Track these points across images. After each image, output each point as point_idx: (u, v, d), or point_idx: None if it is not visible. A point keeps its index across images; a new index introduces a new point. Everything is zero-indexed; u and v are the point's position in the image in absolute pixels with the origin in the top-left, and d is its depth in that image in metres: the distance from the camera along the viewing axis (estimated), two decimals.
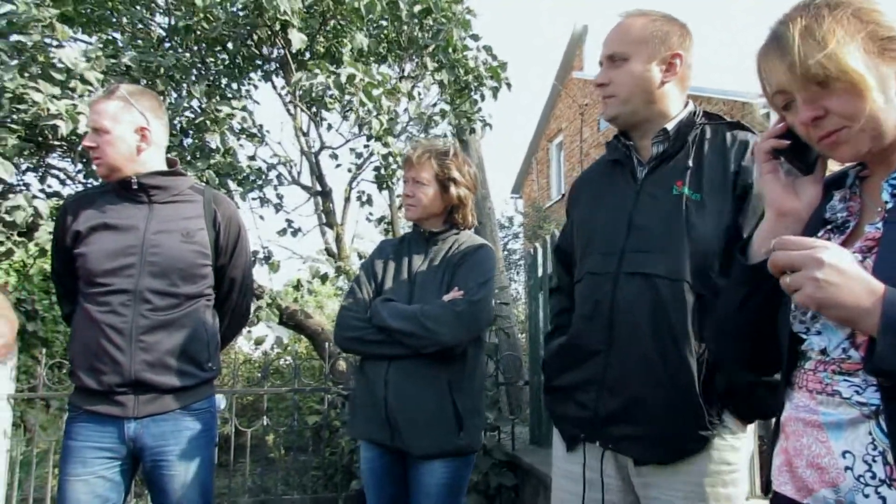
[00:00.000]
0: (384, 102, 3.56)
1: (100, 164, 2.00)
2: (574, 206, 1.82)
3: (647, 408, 1.46)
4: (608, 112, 1.62)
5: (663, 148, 1.58)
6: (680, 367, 1.43)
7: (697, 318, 1.44)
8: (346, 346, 2.29)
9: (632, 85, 1.56)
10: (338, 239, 4.72)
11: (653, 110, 1.59)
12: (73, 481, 1.91)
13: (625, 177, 1.64)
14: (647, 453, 1.47)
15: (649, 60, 1.55)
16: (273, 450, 5.53)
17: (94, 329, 1.92)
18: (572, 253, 1.76)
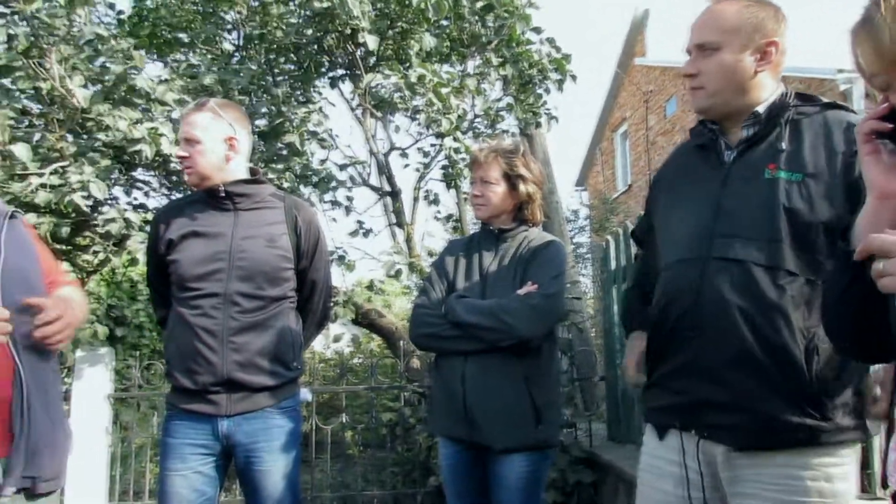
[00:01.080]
0: (453, 101, 3.59)
1: (191, 174, 2.10)
2: (656, 192, 1.78)
3: (740, 395, 1.41)
4: (697, 104, 1.57)
5: (753, 131, 1.52)
6: (777, 353, 1.37)
7: (802, 303, 1.39)
8: (422, 342, 2.34)
9: (722, 76, 1.50)
10: (408, 238, 4.79)
11: (744, 100, 1.52)
12: (172, 476, 2.03)
13: (711, 161, 1.58)
14: (742, 440, 1.42)
15: (742, 50, 1.48)
16: (351, 446, 5.66)
17: (188, 331, 2.02)
18: (647, 240, 1.74)
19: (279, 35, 4.28)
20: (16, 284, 1.61)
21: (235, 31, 4.65)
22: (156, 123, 3.22)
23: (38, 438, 1.62)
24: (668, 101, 14.46)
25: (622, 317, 1.84)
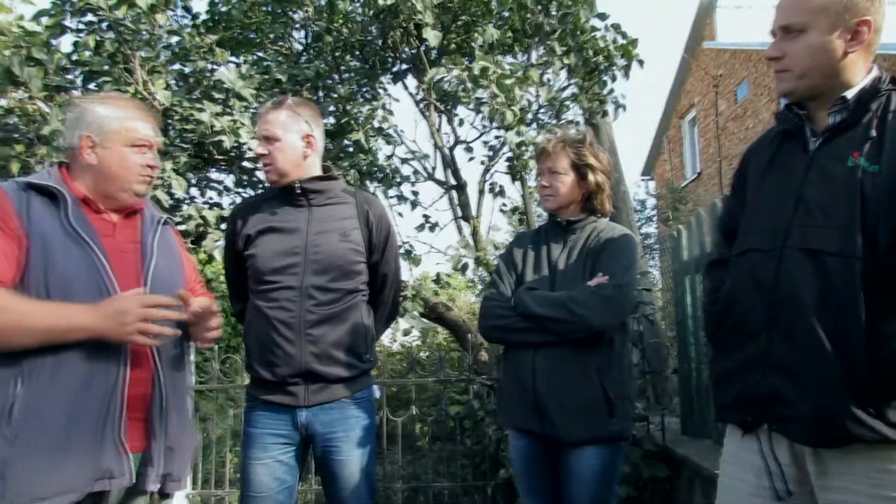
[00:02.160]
0: (516, 92, 3.57)
1: (270, 171, 2.16)
2: (740, 178, 1.71)
3: (814, 389, 1.35)
4: (781, 87, 1.50)
5: (841, 118, 1.44)
6: (852, 346, 1.31)
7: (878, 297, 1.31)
8: (492, 335, 2.34)
9: (809, 59, 1.43)
10: (474, 232, 4.79)
11: (833, 83, 1.44)
12: (254, 465, 2.10)
13: (795, 148, 1.52)
14: (814, 436, 1.36)
15: (830, 30, 1.40)
16: (420, 439, 5.72)
17: (266, 324, 2.09)
18: (735, 227, 1.67)
19: (345, 32, 4.36)
20: (163, 289, 1.72)
21: (303, 29, 4.77)
22: (235, 116, 3.35)
23: (173, 438, 1.72)
24: (738, 84, 13.90)
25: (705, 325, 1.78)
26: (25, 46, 3.27)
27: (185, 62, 3.91)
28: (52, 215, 1.62)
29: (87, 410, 1.55)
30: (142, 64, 3.32)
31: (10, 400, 1.47)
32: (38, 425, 1.48)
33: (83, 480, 1.53)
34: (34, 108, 3.88)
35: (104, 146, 1.72)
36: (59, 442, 1.50)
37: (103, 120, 1.73)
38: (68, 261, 1.58)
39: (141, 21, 3.38)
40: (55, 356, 1.52)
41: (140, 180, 1.77)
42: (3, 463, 1.44)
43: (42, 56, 3.23)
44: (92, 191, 1.73)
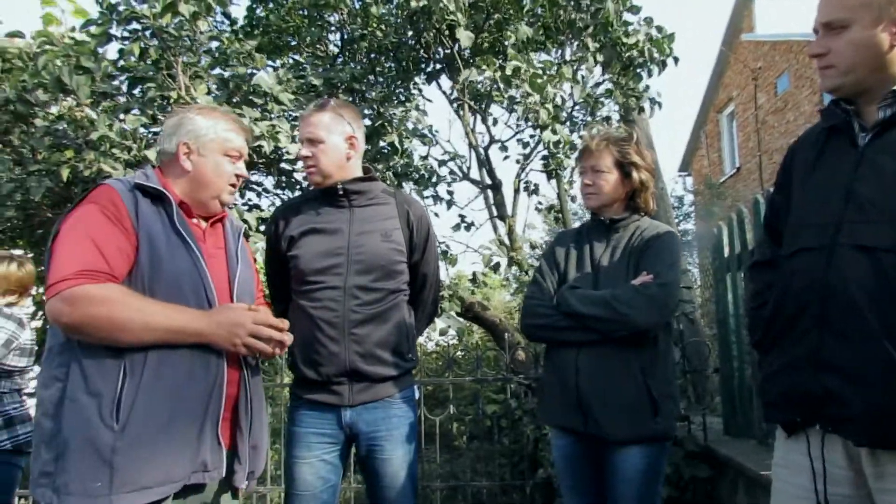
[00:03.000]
0: (549, 91, 3.55)
1: (314, 172, 2.19)
2: (785, 175, 1.68)
3: (871, 388, 1.31)
4: (827, 83, 1.46)
5: (892, 111, 1.40)
6: None
7: None
8: (534, 333, 2.34)
9: (854, 55, 1.40)
10: (510, 231, 4.78)
11: (881, 77, 1.40)
12: (299, 463, 2.14)
13: (843, 144, 1.48)
14: (872, 436, 1.32)
15: (874, 24, 1.37)
16: (457, 437, 5.73)
17: (310, 324, 2.11)
18: (780, 225, 1.64)
19: (379, 35, 4.39)
20: (245, 296, 1.83)
21: (338, 32, 4.82)
22: (273, 121, 3.41)
23: (256, 437, 1.79)
24: (778, 77, 13.58)
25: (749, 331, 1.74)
26: (74, 55, 3.37)
27: (224, 67, 3.99)
28: (158, 216, 1.69)
29: (190, 405, 1.61)
30: (184, 69, 3.41)
31: (116, 391, 1.53)
32: (143, 417, 1.53)
33: (183, 472, 1.59)
34: (82, 115, 4.01)
35: (200, 154, 1.80)
36: (163, 434, 1.55)
37: (200, 129, 1.81)
38: (173, 262, 1.65)
39: (183, 28, 3.46)
40: (159, 351, 1.58)
41: (229, 189, 1.86)
42: (111, 451, 1.49)
43: (90, 64, 3.33)
44: (186, 196, 1.80)
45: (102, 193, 1.67)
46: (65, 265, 1.55)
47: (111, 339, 1.54)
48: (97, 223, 1.61)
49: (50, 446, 1.54)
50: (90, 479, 1.49)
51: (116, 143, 3.36)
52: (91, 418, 1.51)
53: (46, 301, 1.55)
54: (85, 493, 1.49)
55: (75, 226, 1.61)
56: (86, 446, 1.50)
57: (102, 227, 1.60)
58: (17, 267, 3.00)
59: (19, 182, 3.61)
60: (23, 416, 2.94)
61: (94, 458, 1.49)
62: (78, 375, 1.54)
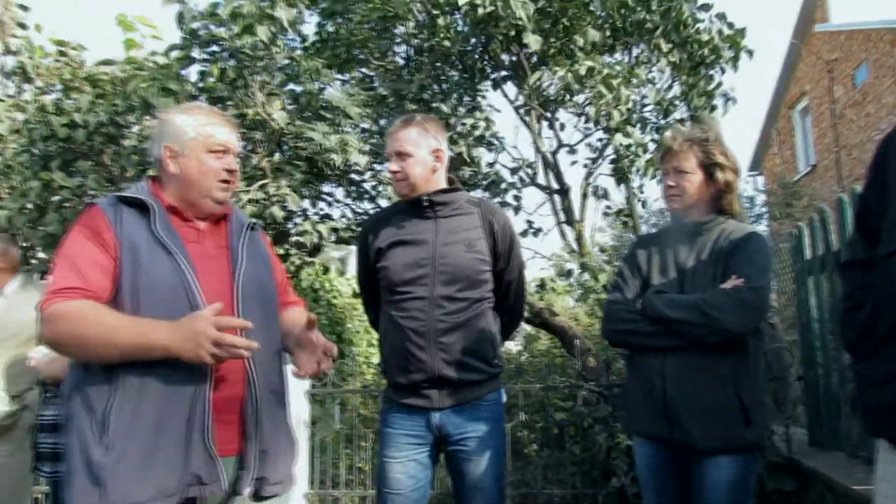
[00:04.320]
0: (623, 92, 3.50)
1: (402, 185, 2.24)
2: (879, 171, 1.59)
3: None
4: None
5: None
6: None
7: None
8: (618, 338, 2.31)
9: None
10: (578, 236, 4.73)
11: None
12: (391, 463, 2.20)
13: None
14: None
15: None
16: (527, 445, 5.69)
17: (399, 333, 2.17)
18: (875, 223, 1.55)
19: (446, 44, 4.44)
20: (254, 293, 1.77)
21: (404, 44, 4.90)
22: (343, 134, 3.50)
23: (267, 441, 1.73)
24: (856, 68, 12.92)
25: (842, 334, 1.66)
26: (160, 78, 3.56)
27: (296, 83, 4.13)
28: (141, 225, 1.68)
29: (175, 416, 1.58)
30: (260, 88, 3.55)
31: (103, 407, 1.54)
32: (129, 432, 1.53)
33: (175, 485, 1.57)
34: None
35: (184, 154, 1.76)
36: (150, 448, 1.54)
37: (181, 129, 1.76)
38: (155, 268, 1.63)
39: (259, 48, 3.60)
40: (144, 365, 1.57)
41: (219, 186, 1.78)
42: (101, 469, 1.50)
43: (174, 86, 3.51)
44: (178, 199, 1.76)
45: (86, 215, 1.69)
46: (49, 288, 1.59)
47: (81, 356, 1.58)
48: (75, 243, 1.63)
49: (65, 460, 1.58)
50: (87, 494, 1.51)
51: None
52: (86, 435, 1.53)
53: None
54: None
55: (61, 249, 1.65)
56: (82, 462, 1.52)
57: (79, 245, 1.63)
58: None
59: None
60: None
61: (87, 474, 1.51)
62: (80, 393, 1.59)
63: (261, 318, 1.74)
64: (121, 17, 4.04)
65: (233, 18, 3.38)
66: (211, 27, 3.56)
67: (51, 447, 2.79)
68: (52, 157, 4.00)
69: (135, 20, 4.17)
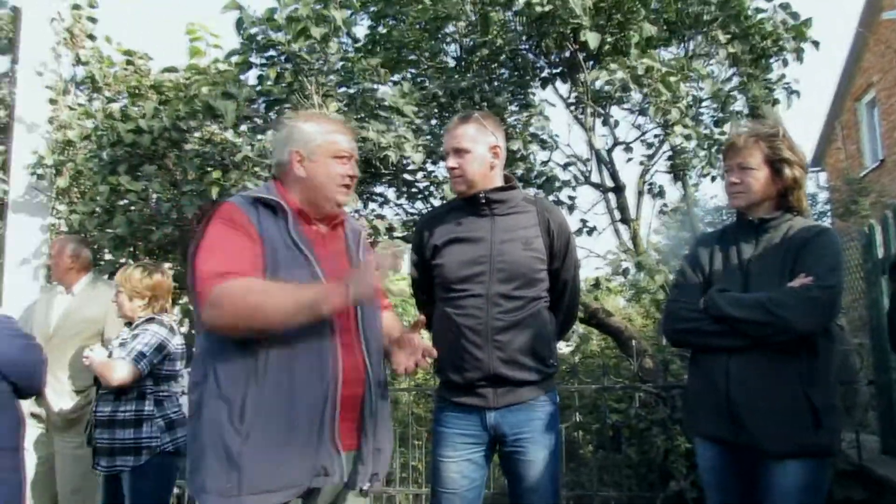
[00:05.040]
0: (682, 88, 3.42)
1: (459, 182, 2.25)
2: None
3: None
4: None
5: None
6: None
7: None
8: (679, 338, 2.26)
9: None
10: (634, 234, 4.65)
11: None
12: (446, 462, 2.20)
13: None
14: None
15: None
16: (582, 446, 5.62)
17: (455, 330, 2.17)
18: None
19: (499, 42, 4.44)
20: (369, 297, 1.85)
21: (455, 43, 4.91)
22: (399, 132, 3.53)
23: (380, 439, 1.84)
24: None
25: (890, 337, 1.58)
26: (221, 83, 3.67)
27: (350, 84, 4.19)
28: (277, 227, 1.78)
29: (308, 411, 1.67)
30: (316, 90, 3.62)
31: (241, 398, 1.63)
32: (266, 424, 1.62)
33: (303, 476, 1.66)
34: (221, 138, 4.35)
35: (311, 159, 1.86)
36: (284, 440, 1.63)
37: (309, 135, 1.87)
38: (291, 270, 1.73)
39: (314, 50, 3.67)
40: (280, 361, 1.66)
41: (342, 190, 1.90)
42: (238, 456, 1.59)
43: (234, 91, 3.62)
44: (303, 202, 1.86)
45: (224, 210, 1.77)
46: (204, 274, 1.65)
47: (260, 326, 1.62)
48: (224, 235, 1.71)
49: (192, 446, 1.67)
50: (223, 480, 1.59)
51: (257, 161, 3.62)
52: (222, 423, 1.61)
53: (202, 311, 1.65)
54: (219, 492, 1.60)
55: (204, 243, 1.71)
56: (218, 449, 1.60)
57: (229, 236, 1.70)
58: (142, 275, 3.11)
59: (175, 201, 3.97)
60: (182, 420, 3.08)
61: (224, 460, 1.59)
62: (212, 381, 1.65)
63: (374, 321, 1.88)
64: (190, 26, 4.19)
65: (289, 22, 3.45)
66: (269, 32, 3.65)
67: (107, 442, 2.88)
68: (119, 162, 4.17)
69: (201, 29, 4.32)
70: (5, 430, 2.68)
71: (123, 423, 2.89)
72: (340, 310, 1.72)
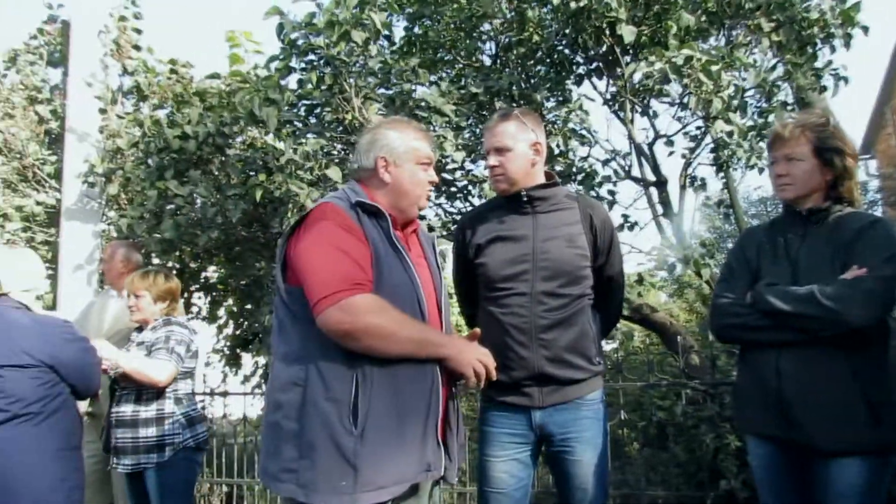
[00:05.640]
0: (724, 78, 3.34)
1: (500, 180, 2.24)
2: None
3: None
4: None
5: None
6: None
7: None
8: (727, 334, 2.21)
9: None
10: (678, 229, 4.56)
11: None
12: (492, 462, 2.20)
13: None
14: None
15: None
16: (627, 444, 5.55)
17: (499, 329, 2.17)
18: None
19: (536, 39, 4.41)
20: (446, 302, 1.95)
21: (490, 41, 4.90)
22: (439, 132, 3.54)
23: (461, 433, 1.89)
24: None
25: None
26: (263, 89, 3.74)
27: (388, 86, 4.22)
28: (377, 231, 1.81)
29: (414, 410, 1.71)
30: (356, 92, 3.65)
31: (351, 398, 1.65)
32: (379, 423, 1.65)
33: (412, 472, 1.71)
34: (262, 143, 4.43)
35: (397, 165, 1.90)
36: (394, 438, 1.67)
37: (394, 142, 1.91)
38: (393, 274, 1.77)
39: (354, 52, 3.71)
40: (390, 362, 1.69)
41: (425, 195, 1.96)
42: (354, 455, 1.62)
43: (276, 96, 3.68)
44: (388, 207, 1.88)
45: (330, 210, 1.77)
46: (332, 278, 1.66)
47: (379, 347, 1.66)
48: (341, 237, 1.72)
49: (294, 446, 1.67)
50: (336, 479, 1.62)
51: (300, 164, 3.68)
52: (334, 423, 1.63)
53: (320, 312, 1.64)
54: (332, 490, 1.62)
55: (320, 241, 1.71)
56: (331, 449, 1.63)
57: (347, 239, 1.72)
58: (164, 279, 3.21)
59: (219, 205, 4.06)
60: (200, 417, 3.19)
61: (339, 459, 1.62)
62: (318, 382, 1.66)
63: (450, 317, 1.94)
64: (230, 34, 4.28)
65: (330, 26, 3.49)
66: (309, 37, 3.70)
67: (130, 441, 2.97)
68: (166, 168, 4.28)
69: (241, 36, 4.40)
70: (67, 430, 2.78)
71: (146, 421, 2.98)
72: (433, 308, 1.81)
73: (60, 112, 5.56)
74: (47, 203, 5.66)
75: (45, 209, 5.65)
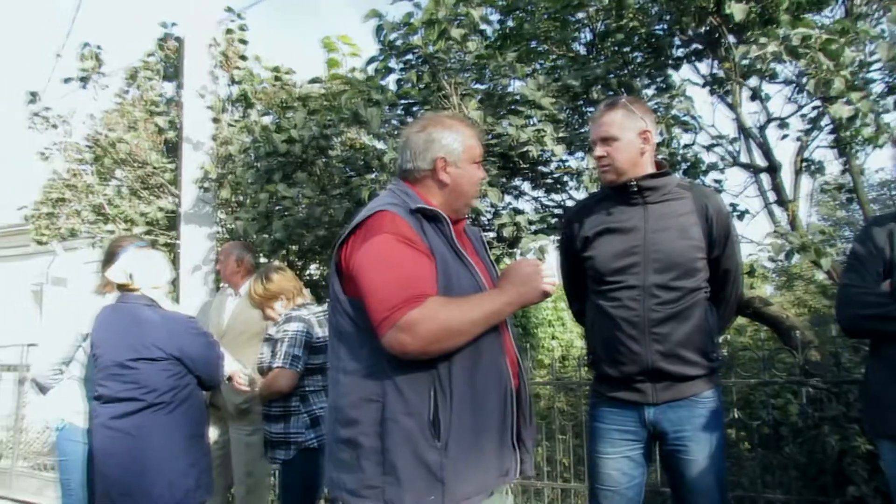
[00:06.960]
0: (848, 54, 3.09)
1: (608, 171, 2.20)
2: None
3: None
4: None
5: None
6: None
7: None
8: (862, 325, 2.07)
9: None
10: (792, 216, 4.28)
11: None
12: (603, 459, 2.17)
13: None
14: None
15: None
16: (737, 444, 5.29)
17: (610, 323, 2.13)
18: None
19: (635, 24, 4.27)
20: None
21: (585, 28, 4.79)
22: (539, 126, 3.51)
23: (533, 427, 1.87)
24: None
25: None
26: (365, 90, 3.84)
27: (484, 81, 4.22)
28: (439, 236, 1.78)
29: (492, 414, 1.71)
30: (455, 90, 3.68)
31: (430, 411, 1.65)
32: (459, 433, 1.65)
33: (492, 479, 1.71)
34: (360, 143, 4.55)
35: (456, 165, 1.87)
36: (474, 448, 1.67)
37: (451, 143, 1.88)
38: (459, 281, 1.75)
39: (452, 50, 3.74)
40: (461, 367, 1.68)
41: (479, 193, 1.95)
42: (441, 469, 1.62)
43: (378, 97, 3.77)
44: (443, 208, 1.85)
45: (388, 222, 1.71)
46: (389, 297, 1.63)
47: (451, 346, 1.65)
48: (400, 253, 1.67)
49: (375, 462, 1.65)
50: (425, 494, 1.62)
51: None
52: (417, 439, 1.63)
53: (383, 335, 1.62)
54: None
55: (379, 258, 1.67)
56: (417, 464, 1.62)
57: (407, 254, 1.68)
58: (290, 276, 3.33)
59: (325, 205, 4.21)
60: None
61: (426, 475, 1.62)
62: (396, 397, 1.65)
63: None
64: (326, 39, 4.43)
65: (430, 24, 3.53)
66: (408, 37, 3.76)
67: (282, 436, 3.09)
68: (274, 171, 4.49)
69: (337, 40, 4.54)
70: (194, 418, 2.99)
71: (276, 417, 3.09)
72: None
73: (177, 123, 5.96)
74: (167, 208, 6.08)
75: (165, 214, 6.07)
